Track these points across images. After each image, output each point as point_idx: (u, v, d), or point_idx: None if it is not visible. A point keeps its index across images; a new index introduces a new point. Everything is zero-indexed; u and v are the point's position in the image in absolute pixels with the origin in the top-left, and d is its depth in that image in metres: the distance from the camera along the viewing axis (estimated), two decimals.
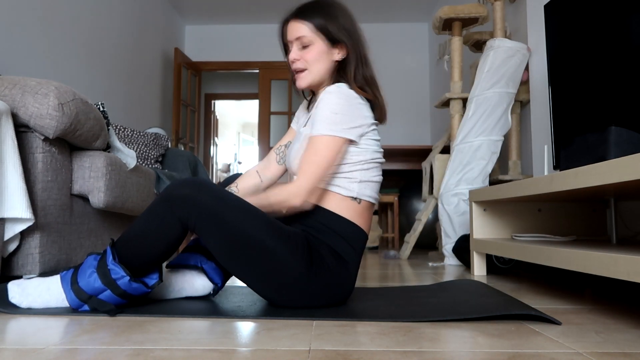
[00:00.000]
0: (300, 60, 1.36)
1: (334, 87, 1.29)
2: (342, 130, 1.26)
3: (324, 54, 1.36)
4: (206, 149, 6.98)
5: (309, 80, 1.38)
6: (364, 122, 1.30)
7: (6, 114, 1.52)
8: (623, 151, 1.34)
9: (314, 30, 1.34)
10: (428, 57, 5.73)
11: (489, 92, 2.60)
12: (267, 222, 1.20)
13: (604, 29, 1.74)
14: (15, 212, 1.49)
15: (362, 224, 1.32)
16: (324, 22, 1.34)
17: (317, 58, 1.35)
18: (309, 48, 1.35)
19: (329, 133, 1.25)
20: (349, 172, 1.30)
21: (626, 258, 1.07)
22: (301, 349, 0.90)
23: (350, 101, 1.28)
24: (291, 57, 1.37)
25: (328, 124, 1.25)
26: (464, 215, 2.59)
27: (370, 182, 1.33)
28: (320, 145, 1.25)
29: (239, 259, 1.19)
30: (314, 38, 1.34)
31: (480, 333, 1.02)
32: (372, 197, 1.34)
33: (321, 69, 1.37)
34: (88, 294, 1.19)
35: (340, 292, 1.28)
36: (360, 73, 1.37)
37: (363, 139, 1.31)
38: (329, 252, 1.26)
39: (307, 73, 1.37)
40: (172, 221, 1.17)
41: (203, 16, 5.59)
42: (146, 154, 2.96)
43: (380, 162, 1.37)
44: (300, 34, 1.35)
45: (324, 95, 1.29)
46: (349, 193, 1.30)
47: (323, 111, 1.26)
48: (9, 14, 2.69)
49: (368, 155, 1.32)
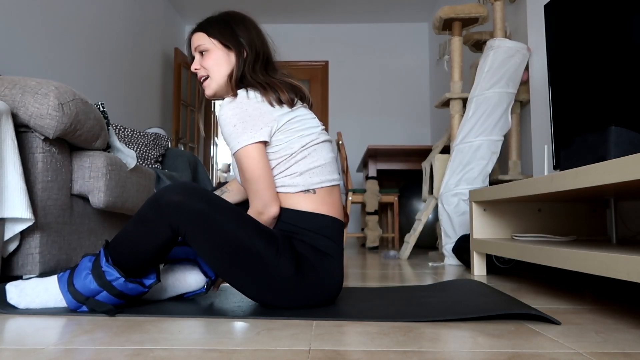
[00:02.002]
0: (201, 68, 1.40)
1: (224, 102, 1.29)
2: (249, 137, 1.24)
3: (221, 58, 1.38)
4: (206, 149, 6.98)
5: (214, 88, 1.39)
6: (270, 118, 1.27)
7: (6, 114, 1.52)
8: (623, 151, 1.34)
9: (209, 38, 1.39)
10: (428, 57, 5.73)
11: (489, 92, 2.60)
12: (256, 227, 1.20)
13: (604, 29, 1.74)
14: (15, 212, 1.49)
15: (328, 210, 1.30)
16: (217, 29, 1.40)
17: (214, 62, 1.38)
18: (207, 55, 1.39)
19: (240, 146, 1.25)
20: (285, 169, 1.29)
21: (626, 258, 1.07)
22: (301, 349, 0.90)
23: (244, 107, 1.26)
24: (193, 67, 1.42)
25: (235, 138, 1.25)
26: (464, 215, 2.59)
27: (314, 169, 1.30)
28: (242, 160, 1.26)
29: (230, 263, 1.19)
30: (210, 45, 1.39)
31: (480, 333, 1.02)
32: (325, 181, 1.31)
33: (222, 73, 1.38)
34: (85, 295, 1.19)
35: (330, 287, 1.28)
36: (258, 68, 1.37)
37: (280, 133, 1.28)
38: (309, 250, 1.25)
39: (210, 80, 1.40)
40: (162, 226, 1.17)
41: (203, 16, 5.58)
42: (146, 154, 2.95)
43: (318, 143, 1.32)
44: (198, 43, 1.41)
45: (219, 112, 1.29)
46: (296, 189, 1.29)
47: (225, 128, 1.27)
48: (9, 14, 2.69)
49: (295, 146, 1.29)
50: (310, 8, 5.38)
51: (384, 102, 5.71)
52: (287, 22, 5.71)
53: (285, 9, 5.40)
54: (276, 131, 1.27)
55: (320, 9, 5.42)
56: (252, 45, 1.38)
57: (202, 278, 1.39)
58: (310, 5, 5.31)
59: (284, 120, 1.28)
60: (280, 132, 1.28)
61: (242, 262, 1.18)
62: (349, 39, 5.78)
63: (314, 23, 5.77)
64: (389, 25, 5.79)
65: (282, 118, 1.28)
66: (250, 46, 1.38)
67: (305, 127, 1.31)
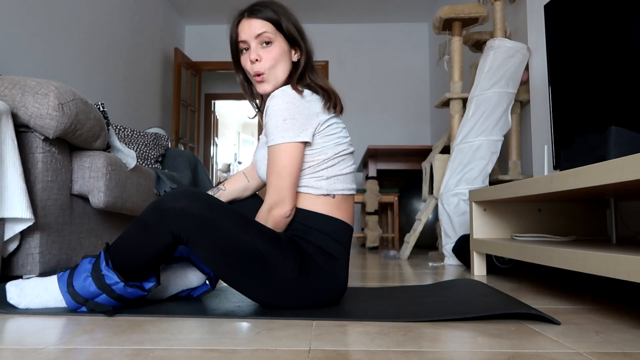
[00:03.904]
0: (261, 61, 1.30)
1: (278, 92, 1.26)
2: (295, 135, 1.24)
3: (286, 54, 1.33)
4: (206, 149, 6.99)
5: (273, 84, 1.32)
6: (316, 121, 1.27)
7: (6, 114, 1.52)
8: (623, 151, 1.34)
9: (275, 29, 1.31)
10: (428, 57, 5.73)
11: (489, 92, 2.60)
12: (259, 231, 1.20)
13: (604, 29, 1.74)
14: (15, 212, 1.49)
15: (342, 215, 1.31)
16: (285, 21, 1.31)
17: (279, 57, 1.31)
18: (271, 47, 1.30)
19: (284, 141, 1.23)
20: (315, 172, 1.29)
21: (626, 258, 1.07)
22: (301, 349, 0.90)
23: (297, 103, 1.25)
24: (252, 57, 1.30)
25: (280, 132, 1.23)
26: (464, 215, 2.59)
27: (339, 176, 1.32)
28: (278, 155, 1.24)
29: (233, 267, 1.19)
30: (275, 37, 1.31)
31: (480, 333, 1.02)
32: (346, 189, 1.33)
33: (284, 70, 1.33)
34: (84, 297, 1.19)
35: (335, 289, 1.28)
36: (308, 74, 1.35)
37: (319, 137, 1.28)
38: (317, 251, 1.26)
39: (270, 76, 1.31)
40: (163, 233, 1.16)
41: (203, 16, 5.59)
42: (146, 154, 2.95)
43: (347, 154, 1.34)
44: (262, 30, 1.30)
45: (270, 101, 1.26)
46: (319, 192, 1.29)
47: (273, 119, 1.24)
48: (9, 14, 2.69)
49: (330, 152, 1.30)
50: (310, 8, 5.38)
51: (384, 102, 5.71)
52: None
53: None
54: (317, 134, 1.28)
55: (320, 9, 5.42)
56: (307, 44, 1.36)
57: (202, 274, 1.40)
58: (311, 5, 5.31)
59: (325, 125, 1.29)
60: (320, 135, 1.29)
61: (246, 266, 1.18)
62: (349, 39, 5.78)
63: (314, 23, 5.77)
64: (389, 25, 5.79)
65: (325, 122, 1.29)
66: (306, 45, 1.36)
67: (340, 136, 1.33)
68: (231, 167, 9.28)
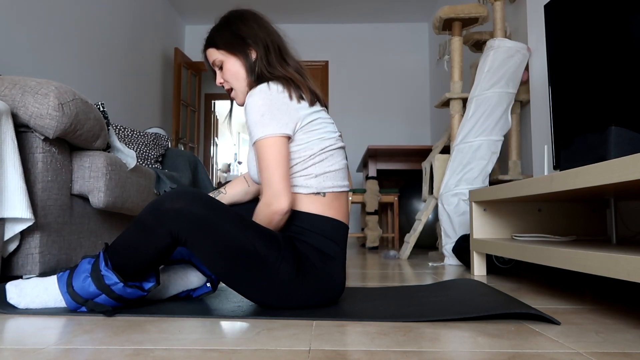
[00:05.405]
0: (225, 82, 1.44)
1: (255, 90, 1.29)
2: (275, 128, 1.25)
3: (235, 65, 1.39)
4: (206, 149, 6.98)
5: (241, 97, 1.42)
6: (297, 115, 1.28)
7: (6, 114, 1.52)
8: (623, 151, 1.34)
9: (217, 50, 1.41)
10: (428, 57, 5.73)
11: (489, 92, 2.60)
12: (257, 231, 1.20)
13: (604, 29, 1.74)
14: (15, 212, 1.49)
15: (334, 214, 1.31)
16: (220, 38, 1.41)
17: (232, 73, 1.40)
18: (225, 68, 1.41)
19: (264, 135, 1.25)
20: (302, 170, 1.29)
21: (626, 258, 1.07)
22: (301, 349, 0.90)
23: (274, 99, 1.27)
24: (217, 82, 1.45)
25: (260, 127, 1.25)
26: (464, 215, 2.59)
27: (328, 173, 1.31)
28: (263, 150, 1.25)
29: (232, 268, 1.19)
30: (222, 57, 1.41)
31: (480, 333, 1.02)
32: (336, 187, 1.32)
33: (242, 81, 1.40)
34: (84, 297, 1.19)
35: (332, 289, 1.28)
36: (273, 60, 1.36)
37: (302, 132, 1.28)
38: (312, 251, 1.26)
39: (235, 91, 1.42)
40: (162, 234, 1.16)
41: (203, 16, 5.59)
42: (146, 154, 2.95)
43: (335, 149, 1.34)
44: (212, 59, 1.43)
45: (248, 100, 1.29)
46: (309, 190, 1.29)
47: (251, 116, 1.27)
48: (9, 14, 2.69)
49: (315, 148, 1.30)
50: (310, 8, 5.38)
51: (384, 102, 5.71)
52: (287, 22, 5.71)
53: (285, 9, 5.40)
54: (299, 129, 1.28)
55: (321, 9, 5.42)
56: (257, 40, 1.37)
57: (201, 275, 1.40)
58: (311, 5, 5.31)
59: (307, 121, 1.29)
60: (302, 131, 1.29)
61: (244, 267, 1.18)
62: (349, 39, 5.78)
63: (314, 23, 5.77)
64: (389, 25, 5.79)
65: (306, 118, 1.29)
66: (256, 41, 1.37)
67: (325, 131, 1.33)
68: (231, 167, 9.28)
